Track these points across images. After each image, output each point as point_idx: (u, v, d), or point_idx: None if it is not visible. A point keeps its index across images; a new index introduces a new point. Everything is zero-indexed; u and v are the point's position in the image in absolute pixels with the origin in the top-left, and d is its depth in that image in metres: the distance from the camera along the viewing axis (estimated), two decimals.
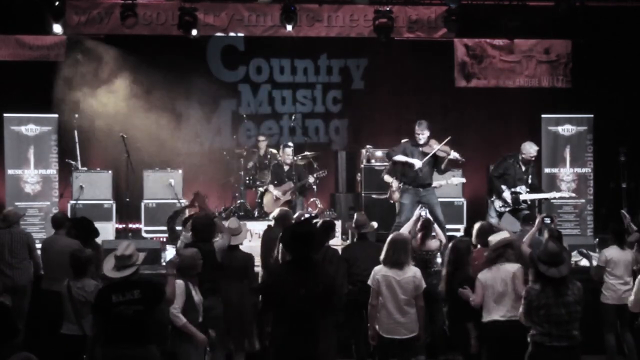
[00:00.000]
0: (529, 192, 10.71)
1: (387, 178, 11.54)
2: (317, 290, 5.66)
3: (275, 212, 8.91)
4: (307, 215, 9.96)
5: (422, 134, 10.65)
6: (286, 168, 12.19)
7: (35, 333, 7.72)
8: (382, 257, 7.11)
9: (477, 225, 8.21)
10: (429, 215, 9.98)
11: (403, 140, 11.90)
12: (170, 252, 7.63)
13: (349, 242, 10.98)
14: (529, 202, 10.87)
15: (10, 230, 8.64)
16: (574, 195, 12.32)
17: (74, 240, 7.99)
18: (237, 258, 7.99)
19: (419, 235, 8.46)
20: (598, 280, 8.35)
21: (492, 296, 6.74)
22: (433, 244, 8.47)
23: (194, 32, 12.95)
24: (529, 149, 10.76)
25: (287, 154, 12.20)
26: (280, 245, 7.51)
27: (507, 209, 10.70)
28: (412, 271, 7.01)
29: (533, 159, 10.85)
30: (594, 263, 8.54)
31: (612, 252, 8.35)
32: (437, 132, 13.96)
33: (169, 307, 6.46)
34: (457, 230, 11.96)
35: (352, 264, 7.98)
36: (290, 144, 12.49)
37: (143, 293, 5.98)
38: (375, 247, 7.93)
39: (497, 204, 10.75)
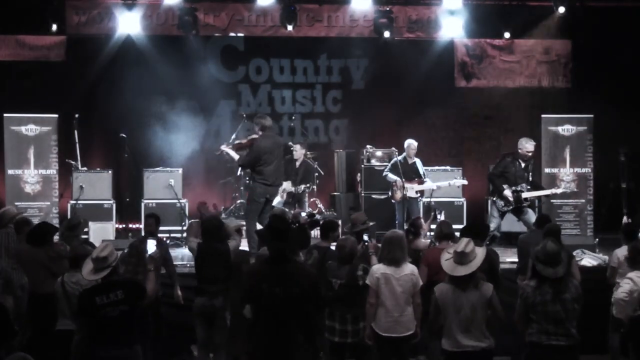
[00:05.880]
0: (530, 190, 10.71)
1: (390, 177, 11.65)
2: (295, 290, 5.43)
3: (273, 211, 8.90)
4: (304, 214, 9.95)
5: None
6: (296, 165, 12.22)
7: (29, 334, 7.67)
8: (378, 255, 7.11)
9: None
10: (442, 217, 9.95)
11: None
12: (151, 248, 7.60)
13: None
14: (530, 200, 10.87)
15: (7, 231, 8.56)
16: (575, 190, 12.34)
17: (32, 249, 7.84)
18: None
19: (410, 235, 8.45)
20: (613, 283, 8.10)
21: None
22: (421, 243, 8.46)
23: (194, 32, 12.97)
24: (526, 145, 10.77)
25: (295, 150, 12.23)
26: None
27: (510, 208, 10.69)
28: (410, 268, 6.99)
29: (531, 154, 10.84)
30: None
31: (624, 252, 8.05)
32: (437, 132, 14.10)
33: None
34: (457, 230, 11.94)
35: None
36: (291, 143, 12.46)
37: (126, 293, 5.93)
38: None
39: (500, 204, 10.73)
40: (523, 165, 10.76)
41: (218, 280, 7.58)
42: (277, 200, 11.75)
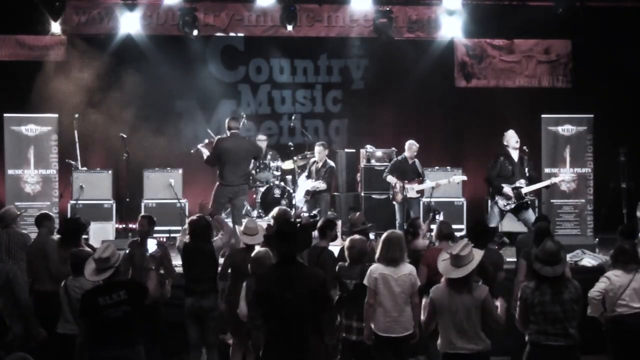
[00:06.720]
0: (529, 185, 10.72)
1: (390, 179, 11.67)
2: (304, 292, 5.45)
3: (274, 211, 8.89)
4: (306, 215, 9.94)
5: None
6: (319, 166, 12.27)
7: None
8: (376, 255, 7.10)
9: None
10: (441, 217, 9.95)
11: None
12: (151, 247, 7.62)
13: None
14: (532, 195, 10.85)
15: (8, 231, 8.56)
16: (573, 175, 12.39)
17: (49, 238, 7.85)
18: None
19: (409, 235, 8.44)
20: None
21: None
22: (420, 243, 8.46)
23: (194, 32, 12.98)
24: (507, 136, 10.84)
25: (316, 152, 12.29)
26: None
27: (513, 206, 10.65)
28: (408, 268, 6.99)
29: (518, 143, 10.85)
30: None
31: None
32: (437, 132, 14.10)
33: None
34: (460, 230, 11.93)
35: None
36: (291, 144, 12.52)
37: (129, 293, 5.92)
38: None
39: (502, 203, 10.69)
40: (517, 160, 10.77)
41: (204, 280, 7.59)
42: (299, 199, 11.83)
